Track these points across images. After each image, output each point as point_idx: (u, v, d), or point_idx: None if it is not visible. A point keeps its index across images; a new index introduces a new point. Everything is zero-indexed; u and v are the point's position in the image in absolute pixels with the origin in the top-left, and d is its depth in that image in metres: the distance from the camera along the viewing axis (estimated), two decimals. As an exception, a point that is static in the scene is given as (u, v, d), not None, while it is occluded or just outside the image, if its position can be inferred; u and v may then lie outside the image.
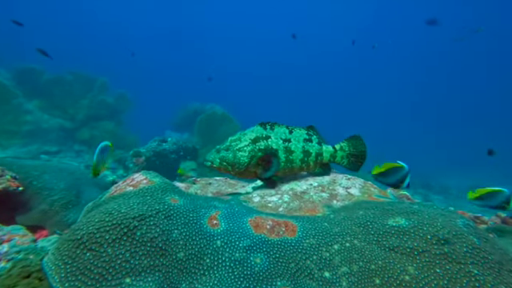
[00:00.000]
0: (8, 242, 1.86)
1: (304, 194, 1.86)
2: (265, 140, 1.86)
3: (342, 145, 2.06)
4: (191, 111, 9.60)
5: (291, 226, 1.35)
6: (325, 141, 2.06)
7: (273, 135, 1.88)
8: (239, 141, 1.85)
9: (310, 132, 2.00)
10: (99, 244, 1.03)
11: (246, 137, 1.86)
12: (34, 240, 1.95)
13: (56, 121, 7.32)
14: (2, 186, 2.03)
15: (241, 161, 1.82)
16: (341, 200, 1.70)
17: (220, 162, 1.81)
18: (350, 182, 1.86)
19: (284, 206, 1.77)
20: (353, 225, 1.23)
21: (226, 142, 1.89)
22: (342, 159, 2.05)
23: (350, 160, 2.05)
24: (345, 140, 2.07)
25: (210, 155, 1.85)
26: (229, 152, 1.83)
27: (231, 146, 1.84)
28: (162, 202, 1.31)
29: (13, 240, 1.86)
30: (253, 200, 1.92)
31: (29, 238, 1.92)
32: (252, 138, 1.85)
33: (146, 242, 1.10)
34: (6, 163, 2.38)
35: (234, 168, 1.83)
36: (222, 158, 1.82)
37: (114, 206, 1.19)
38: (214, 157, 1.83)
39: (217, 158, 1.82)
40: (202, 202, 1.48)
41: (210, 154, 1.86)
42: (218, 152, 1.84)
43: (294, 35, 9.61)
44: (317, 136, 2.01)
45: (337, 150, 2.03)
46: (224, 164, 1.82)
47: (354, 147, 2.04)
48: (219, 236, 1.24)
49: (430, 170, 13.25)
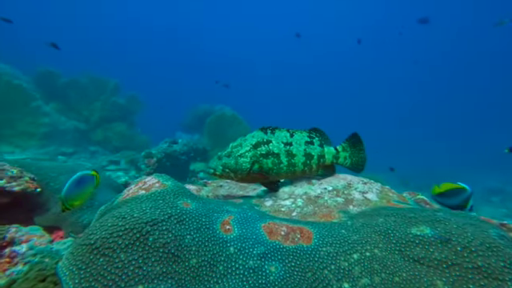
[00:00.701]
0: (26, 243, 1.90)
1: (318, 199, 1.80)
2: (266, 145, 1.84)
3: (343, 145, 2.01)
4: (201, 112, 9.68)
5: (307, 233, 1.30)
6: (330, 142, 2.01)
7: (274, 139, 1.87)
8: (240, 147, 1.83)
9: (312, 134, 1.96)
10: (112, 249, 1.01)
11: (246, 142, 1.84)
12: (50, 241, 1.98)
13: (72, 123, 7.55)
14: (21, 187, 2.08)
15: (243, 167, 1.79)
16: (357, 205, 1.63)
17: (222, 169, 1.80)
18: (366, 186, 1.79)
19: (298, 211, 1.71)
20: (372, 232, 1.17)
21: (228, 148, 1.87)
22: (345, 160, 2.01)
23: (352, 160, 2.01)
24: (346, 140, 2.02)
25: (213, 162, 1.84)
26: (230, 158, 1.80)
27: (232, 153, 1.83)
28: (174, 206, 1.29)
29: (31, 241, 1.90)
30: (265, 204, 1.88)
31: (46, 239, 1.95)
32: (253, 144, 1.83)
33: (158, 247, 1.08)
34: (25, 164, 2.45)
35: (237, 174, 1.81)
36: (224, 164, 1.80)
37: (127, 209, 1.18)
38: (216, 164, 1.81)
39: (219, 166, 1.80)
40: (214, 205, 1.45)
41: (212, 162, 1.85)
42: (220, 159, 1.82)
43: (298, 34, 9.54)
44: (319, 138, 1.97)
45: (339, 151, 1.99)
46: (226, 171, 1.80)
47: (354, 146, 2.00)
48: (232, 242, 1.21)
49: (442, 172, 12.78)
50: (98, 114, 7.94)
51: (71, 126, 7.45)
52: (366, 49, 28.97)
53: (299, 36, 9.48)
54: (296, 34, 9.44)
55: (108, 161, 7.25)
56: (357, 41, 8.41)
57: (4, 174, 2.06)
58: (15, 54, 10.29)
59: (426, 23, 11.42)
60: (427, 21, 11.43)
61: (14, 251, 1.85)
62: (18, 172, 2.14)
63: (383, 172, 7.47)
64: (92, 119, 7.95)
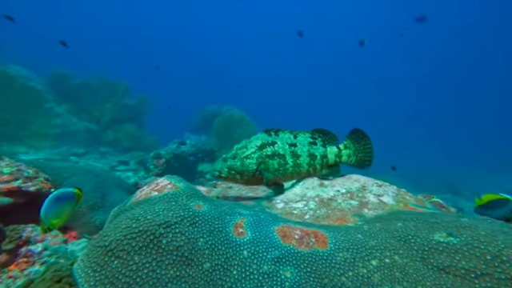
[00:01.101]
0: (41, 242, 1.93)
1: (331, 201, 1.76)
2: (271, 146, 1.84)
3: (345, 143, 1.97)
4: (208, 113, 9.72)
5: (321, 237, 1.26)
6: (336, 140, 1.97)
7: (278, 141, 1.87)
8: (245, 148, 1.83)
9: (315, 135, 1.96)
10: (126, 252, 1.01)
11: (251, 144, 1.84)
12: (64, 241, 2.01)
13: (83, 124, 7.71)
14: (36, 187, 2.12)
15: (249, 168, 1.78)
16: (372, 209, 1.58)
17: (228, 171, 1.78)
18: (381, 189, 1.74)
19: (310, 214, 1.68)
20: (391, 238, 1.12)
21: (232, 150, 1.86)
22: (349, 158, 1.97)
23: (358, 157, 1.96)
24: (347, 137, 1.97)
25: (217, 165, 1.81)
26: (236, 160, 1.79)
27: (238, 154, 1.81)
28: (186, 209, 1.28)
29: (45, 240, 1.94)
30: (276, 206, 1.85)
31: (59, 239, 1.98)
32: (258, 145, 1.82)
33: (171, 250, 1.07)
34: (39, 165, 2.50)
35: (243, 176, 1.79)
36: (229, 166, 1.78)
37: (140, 211, 1.17)
38: (221, 166, 1.79)
39: (224, 168, 1.78)
40: (226, 208, 1.43)
41: (217, 164, 1.82)
42: (225, 161, 1.80)
43: (300, 32, 9.46)
44: (321, 138, 1.96)
45: (341, 149, 1.96)
46: (232, 173, 1.78)
47: (358, 143, 1.94)
48: (246, 246, 1.18)
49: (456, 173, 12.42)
50: (109, 116, 8.08)
51: (82, 127, 7.61)
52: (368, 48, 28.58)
53: (301, 35, 9.40)
54: (298, 33, 9.36)
55: (118, 161, 7.37)
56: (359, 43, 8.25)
57: (20, 175, 2.11)
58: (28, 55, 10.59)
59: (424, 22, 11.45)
60: (424, 19, 11.44)
61: (30, 250, 1.88)
62: (34, 172, 2.18)
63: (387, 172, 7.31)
64: (103, 120, 8.10)
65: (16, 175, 2.07)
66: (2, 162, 2.11)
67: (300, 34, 9.38)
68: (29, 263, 1.49)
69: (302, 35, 9.43)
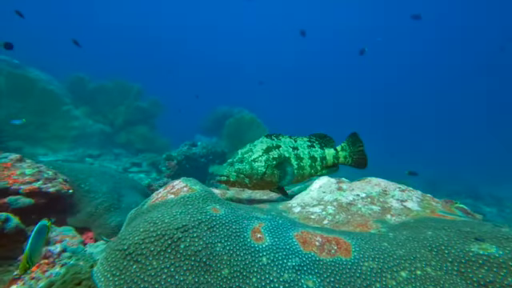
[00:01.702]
0: (60, 243, 1.97)
1: (351, 206, 1.69)
2: (276, 149, 1.87)
3: (342, 145, 2.08)
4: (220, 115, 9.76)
5: (344, 244, 1.20)
6: (332, 143, 2.08)
7: (282, 144, 1.91)
8: (251, 152, 1.83)
9: (312, 139, 2.04)
10: (145, 256, 0.99)
11: (257, 148, 1.85)
12: (82, 242, 2.04)
13: (98, 126, 7.93)
14: (56, 188, 2.17)
15: (258, 171, 1.78)
16: (396, 215, 1.50)
17: (237, 174, 1.76)
18: (405, 194, 1.65)
19: (329, 219, 1.62)
20: (421, 247, 1.05)
21: (237, 155, 1.85)
22: (345, 159, 2.06)
23: (353, 158, 2.06)
24: (345, 140, 2.08)
25: (224, 170, 1.77)
26: (244, 164, 1.78)
27: (245, 158, 1.80)
28: (203, 212, 1.25)
29: (64, 241, 1.97)
30: (293, 210, 1.80)
31: (77, 240, 2.01)
32: (264, 148, 1.84)
33: (190, 255, 1.04)
34: (58, 166, 2.56)
35: (252, 179, 1.78)
36: (238, 170, 1.76)
37: (158, 215, 1.16)
38: (228, 171, 1.75)
39: (233, 172, 1.75)
40: (243, 212, 1.40)
41: (222, 169, 1.78)
42: (232, 165, 1.78)
43: (303, 32, 9.34)
44: (318, 142, 2.05)
45: (338, 151, 2.06)
46: (241, 176, 1.77)
47: (353, 145, 2.06)
48: (265, 252, 1.14)
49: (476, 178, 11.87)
50: (122, 118, 8.27)
51: (97, 129, 7.82)
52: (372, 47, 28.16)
53: (304, 34, 9.30)
54: (301, 33, 9.25)
55: (130, 163, 7.51)
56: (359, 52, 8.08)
57: (41, 176, 2.16)
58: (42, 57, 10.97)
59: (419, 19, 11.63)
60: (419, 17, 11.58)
61: (50, 251, 1.92)
62: (53, 174, 2.23)
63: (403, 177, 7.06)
64: (116, 122, 8.30)
65: (37, 176, 2.13)
66: (24, 164, 2.17)
67: (303, 33, 9.28)
68: (50, 265, 1.51)
69: (305, 34, 9.33)
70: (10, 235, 1.35)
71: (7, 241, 1.33)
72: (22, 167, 2.11)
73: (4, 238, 1.33)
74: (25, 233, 1.47)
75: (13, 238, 1.36)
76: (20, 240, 1.38)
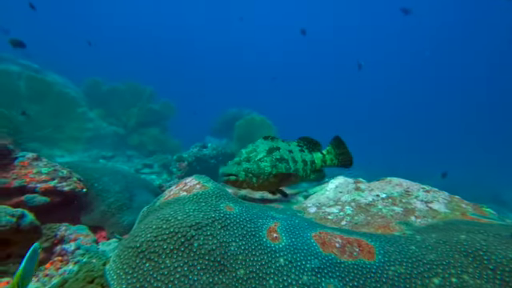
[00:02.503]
0: (74, 241, 1.97)
1: (370, 207, 1.60)
2: (277, 150, 1.89)
3: (328, 149, 2.14)
4: (229, 117, 9.77)
5: (366, 247, 1.12)
6: (319, 146, 2.15)
7: (280, 146, 1.93)
8: (256, 152, 1.83)
9: (300, 143, 2.09)
10: (157, 254, 0.95)
11: (260, 148, 1.86)
12: (95, 240, 2.04)
13: (111, 128, 8.11)
14: (70, 187, 2.19)
15: (265, 171, 1.78)
16: (421, 217, 1.40)
17: (245, 174, 1.73)
18: (429, 194, 1.55)
19: (347, 220, 1.53)
20: (455, 252, 0.96)
21: (242, 154, 1.84)
22: (332, 161, 2.12)
23: (339, 159, 2.12)
24: (329, 144, 2.16)
25: (232, 168, 1.73)
26: (251, 163, 1.77)
27: (251, 158, 1.79)
28: (217, 210, 1.20)
29: (78, 239, 1.98)
30: (308, 211, 1.73)
31: (91, 239, 2.01)
32: (267, 149, 1.86)
33: (203, 254, 0.99)
34: (73, 166, 2.60)
35: (259, 179, 1.77)
36: (246, 169, 1.73)
37: (170, 211, 1.12)
38: (237, 169, 1.72)
39: (241, 171, 1.72)
40: (257, 211, 1.34)
41: (230, 168, 1.74)
42: (240, 164, 1.76)
43: (303, 31, 9.23)
44: (307, 146, 2.10)
45: (325, 154, 2.11)
46: (249, 176, 1.74)
47: (338, 147, 2.13)
48: (282, 252, 1.08)
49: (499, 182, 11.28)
50: (135, 120, 8.43)
51: (111, 131, 8.00)
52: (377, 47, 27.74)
53: (305, 33, 9.20)
54: (301, 31, 9.15)
55: (142, 164, 7.61)
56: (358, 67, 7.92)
57: (56, 174, 2.19)
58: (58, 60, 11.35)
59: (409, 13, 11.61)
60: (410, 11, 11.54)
61: (64, 249, 1.93)
62: (68, 173, 2.25)
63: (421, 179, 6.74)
64: (129, 124, 8.47)
65: (52, 175, 2.16)
66: (41, 163, 2.21)
67: (303, 32, 9.20)
68: (63, 262, 1.51)
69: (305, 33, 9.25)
70: (24, 232, 1.35)
71: (22, 237, 1.34)
72: (38, 166, 2.14)
73: (19, 235, 1.35)
74: (40, 230, 1.48)
75: (27, 235, 1.37)
76: (34, 238, 1.39)
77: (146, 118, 8.75)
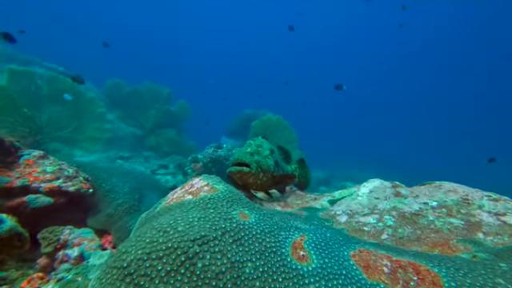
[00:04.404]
0: (78, 246, 1.83)
1: (418, 217, 1.28)
2: (274, 153, 1.87)
3: (295, 166, 2.17)
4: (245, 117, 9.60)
5: (427, 275, 0.83)
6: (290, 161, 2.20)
7: (274, 150, 1.92)
8: (261, 148, 1.78)
9: (280, 152, 2.11)
10: (149, 278, 0.72)
11: (264, 146, 1.82)
12: (100, 246, 1.88)
13: (129, 129, 8.22)
14: (75, 187, 2.06)
15: (271, 169, 1.71)
16: (493, 234, 1.07)
17: (257, 166, 1.63)
18: (499, 204, 1.20)
19: (389, 233, 1.23)
20: None
21: (250, 146, 1.76)
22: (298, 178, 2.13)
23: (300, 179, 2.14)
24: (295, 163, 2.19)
25: (246, 156, 1.62)
26: (260, 157, 1.69)
27: (260, 152, 1.72)
28: (228, 218, 0.96)
29: (82, 244, 1.83)
30: (338, 220, 1.44)
31: (95, 243, 1.86)
32: (269, 149, 1.84)
33: (210, 279, 0.76)
34: (82, 164, 2.50)
35: (266, 175, 1.68)
36: (257, 162, 1.64)
37: (170, 220, 0.89)
38: (250, 159, 1.61)
39: (253, 162, 1.61)
40: (278, 219, 1.09)
41: (244, 156, 1.63)
42: (253, 155, 1.67)
43: (291, 27, 8.95)
44: (283, 156, 2.13)
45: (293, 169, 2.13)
46: (259, 170, 1.64)
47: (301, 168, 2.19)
48: (312, 278, 0.82)
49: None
50: (152, 121, 8.49)
51: (129, 132, 8.11)
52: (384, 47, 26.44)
53: (292, 29, 8.93)
54: (289, 27, 8.91)
55: (158, 165, 7.62)
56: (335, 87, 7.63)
57: (62, 174, 2.07)
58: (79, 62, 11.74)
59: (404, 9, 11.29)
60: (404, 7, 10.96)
61: (67, 255, 1.78)
62: (74, 172, 2.14)
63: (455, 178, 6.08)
64: (146, 126, 8.55)
65: (57, 174, 2.04)
66: (47, 161, 2.11)
67: (291, 28, 8.94)
68: (43, 280, 1.33)
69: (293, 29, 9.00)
70: (4, 240, 1.20)
71: (1, 246, 1.20)
72: (44, 164, 2.04)
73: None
74: (23, 237, 1.33)
75: (9, 242, 1.22)
76: (18, 245, 1.24)
77: (163, 119, 8.79)
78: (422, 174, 12.52)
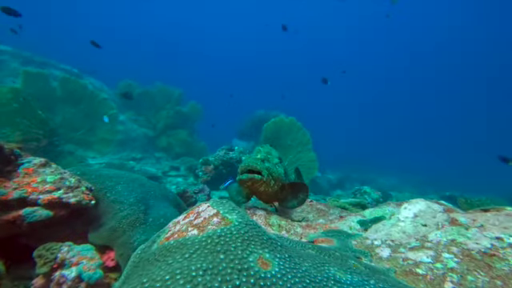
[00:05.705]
0: (76, 266, 1.66)
1: (492, 259, 0.98)
2: (282, 162, 1.81)
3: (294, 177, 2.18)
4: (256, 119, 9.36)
5: None
6: None
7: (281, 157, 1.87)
8: (271, 155, 1.73)
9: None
10: None
11: (273, 154, 1.78)
12: (100, 265, 1.71)
13: (141, 130, 8.20)
14: (77, 198, 1.90)
15: (281, 177, 1.66)
16: None
17: (268, 173, 1.58)
18: None
19: (454, 280, 0.94)
20: None
21: (259, 152, 1.72)
22: None
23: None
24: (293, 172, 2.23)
25: (257, 163, 1.55)
26: (271, 165, 1.63)
27: (269, 159, 1.67)
28: (244, 269, 0.71)
29: (80, 264, 1.67)
30: (378, 253, 1.16)
31: (95, 263, 1.69)
32: (277, 156, 1.80)
33: None
34: (86, 172, 2.35)
35: (276, 183, 1.62)
36: (268, 169, 1.58)
37: (165, 275, 0.66)
38: (261, 166, 1.55)
39: (264, 169, 1.56)
40: (309, 266, 0.83)
41: (255, 162, 1.55)
42: (264, 162, 1.61)
43: (284, 27, 8.61)
44: None
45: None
46: (270, 177, 1.59)
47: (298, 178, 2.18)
48: None
49: None
50: (163, 122, 8.44)
51: (141, 133, 8.09)
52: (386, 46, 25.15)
53: (286, 29, 8.61)
54: (282, 27, 8.61)
55: (170, 167, 7.53)
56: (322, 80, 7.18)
57: (63, 184, 1.91)
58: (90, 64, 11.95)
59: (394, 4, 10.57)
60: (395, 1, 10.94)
61: (63, 276, 1.62)
62: (76, 181, 1.97)
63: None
64: (158, 126, 8.51)
65: (58, 184, 1.88)
66: (48, 169, 1.96)
67: (284, 28, 8.61)
68: None
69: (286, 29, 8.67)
70: None
71: None
72: (44, 173, 1.89)
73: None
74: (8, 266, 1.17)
75: None
76: None
77: (174, 120, 8.73)
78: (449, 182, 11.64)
